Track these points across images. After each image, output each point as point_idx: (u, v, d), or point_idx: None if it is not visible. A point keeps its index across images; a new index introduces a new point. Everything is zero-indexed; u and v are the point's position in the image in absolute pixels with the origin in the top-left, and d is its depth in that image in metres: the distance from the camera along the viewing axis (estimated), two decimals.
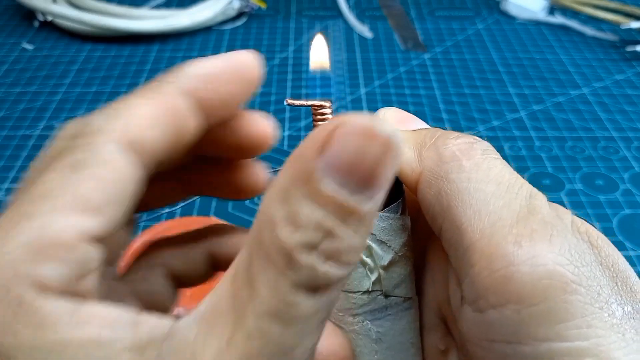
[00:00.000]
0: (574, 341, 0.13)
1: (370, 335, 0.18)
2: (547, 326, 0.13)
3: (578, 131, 0.51)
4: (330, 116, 0.17)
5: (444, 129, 0.18)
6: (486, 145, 0.17)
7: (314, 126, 0.17)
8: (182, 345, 0.13)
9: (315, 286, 0.13)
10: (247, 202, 0.42)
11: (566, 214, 0.15)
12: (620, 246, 0.39)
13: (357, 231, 0.13)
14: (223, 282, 0.14)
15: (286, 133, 0.50)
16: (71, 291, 0.14)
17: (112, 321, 0.14)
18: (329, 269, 0.13)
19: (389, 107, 0.19)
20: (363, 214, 0.13)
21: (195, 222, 0.32)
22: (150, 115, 0.15)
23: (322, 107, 0.17)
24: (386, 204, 0.17)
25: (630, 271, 0.15)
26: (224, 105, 0.16)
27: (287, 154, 0.47)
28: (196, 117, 0.16)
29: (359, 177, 0.12)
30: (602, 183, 0.45)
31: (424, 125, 0.19)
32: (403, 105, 0.53)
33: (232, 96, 0.16)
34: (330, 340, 0.17)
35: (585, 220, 0.16)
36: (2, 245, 0.13)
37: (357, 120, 0.12)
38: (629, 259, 0.38)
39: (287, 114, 0.52)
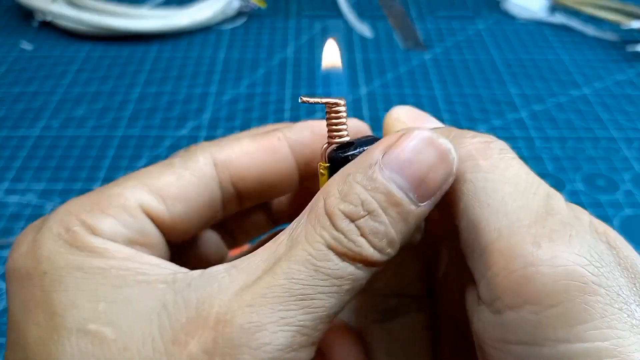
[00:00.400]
0: (594, 342, 0.13)
1: (383, 333, 0.18)
2: (566, 327, 0.13)
3: (579, 131, 0.50)
4: (344, 114, 0.17)
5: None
6: (503, 144, 0.17)
7: (328, 125, 0.17)
8: (211, 279, 0.15)
9: (344, 253, 0.15)
10: None
11: (584, 215, 0.16)
12: None
13: (394, 224, 0.15)
14: (266, 243, 0.16)
15: None
16: (122, 241, 0.17)
17: (154, 264, 0.16)
18: (362, 243, 0.15)
19: (402, 105, 0.19)
20: (406, 210, 0.15)
21: None
22: (249, 151, 0.19)
23: (337, 104, 0.17)
24: None
25: None
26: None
27: None
28: (294, 167, 0.20)
29: (411, 176, 0.15)
30: (603, 183, 0.44)
31: (437, 123, 0.19)
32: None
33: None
34: (343, 340, 0.18)
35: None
36: (78, 200, 0.17)
37: (423, 130, 0.15)
38: None
39: (287, 114, 0.52)
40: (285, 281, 0.14)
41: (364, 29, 0.67)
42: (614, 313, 0.13)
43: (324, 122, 0.18)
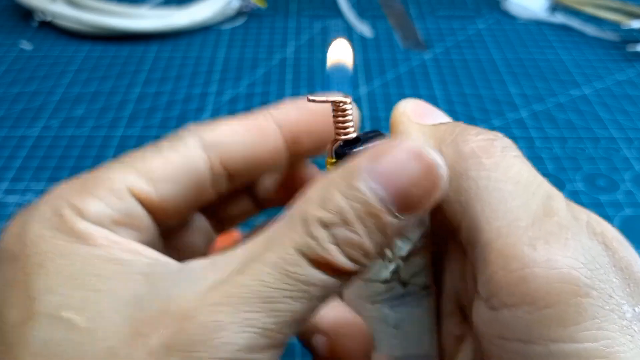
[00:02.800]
0: (584, 343, 0.13)
1: (389, 321, 0.19)
2: (558, 328, 0.14)
3: (579, 131, 0.50)
4: (350, 111, 0.17)
5: None
6: (507, 142, 0.17)
7: (335, 122, 0.17)
8: (186, 274, 0.15)
9: (316, 260, 0.15)
10: None
11: (583, 215, 0.16)
12: None
13: (370, 235, 0.15)
14: (245, 243, 0.16)
15: None
16: (111, 228, 0.17)
17: (137, 251, 0.16)
18: (334, 252, 0.15)
19: (410, 99, 0.19)
20: (384, 222, 0.15)
21: None
22: (237, 130, 0.19)
23: (343, 102, 0.17)
24: None
25: None
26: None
27: None
28: (282, 145, 0.20)
29: (393, 189, 0.15)
30: (603, 183, 0.44)
31: (445, 118, 0.18)
32: None
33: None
34: (349, 326, 0.18)
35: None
36: (69, 183, 0.17)
37: (414, 141, 0.15)
38: None
39: None
40: (253, 282, 0.14)
41: (364, 29, 0.67)
42: (605, 315, 0.14)
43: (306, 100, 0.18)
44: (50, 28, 0.66)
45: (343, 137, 0.17)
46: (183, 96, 0.55)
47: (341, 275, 0.15)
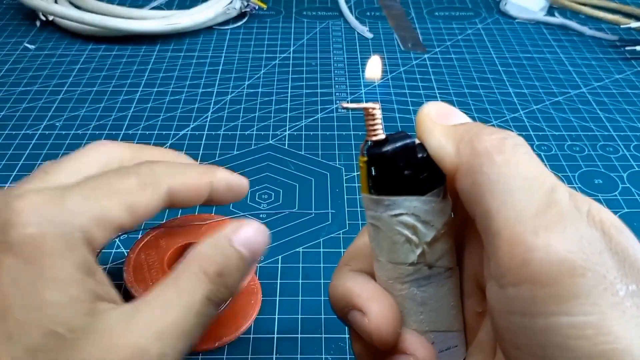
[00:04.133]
0: (579, 316, 0.15)
1: (416, 299, 0.21)
2: (556, 303, 0.15)
3: (577, 130, 0.51)
4: (379, 115, 0.20)
5: None
6: (518, 140, 0.19)
7: (366, 125, 0.20)
8: (125, 317, 0.20)
9: (217, 301, 0.21)
10: (248, 200, 0.42)
11: (584, 204, 0.17)
12: None
13: (242, 277, 0.23)
14: (157, 284, 0.21)
15: (287, 132, 0.50)
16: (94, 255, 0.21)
17: (100, 294, 0.21)
18: (226, 293, 0.22)
19: (433, 102, 0.21)
20: (248, 269, 0.23)
21: (198, 219, 0.33)
22: (191, 185, 0.25)
23: (373, 108, 0.20)
24: (429, 190, 0.20)
25: None
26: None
27: (288, 152, 0.47)
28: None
29: (250, 248, 0.22)
30: (601, 182, 0.45)
31: (466, 118, 0.21)
32: (403, 105, 0.54)
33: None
34: (380, 303, 0.20)
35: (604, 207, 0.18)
36: (82, 206, 0.21)
37: (255, 221, 0.23)
38: None
39: (288, 114, 0.53)
40: (181, 322, 0.20)
41: (363, 29, 0.67)
42: (598, 293, 0.15)
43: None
44: (53, 28, 0.66)
45: (373, 138, 0.20)
46: (185, 96, 0.55)
47: (222, 304, 0.22)
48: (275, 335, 0.33)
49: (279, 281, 0.36)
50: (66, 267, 0.20)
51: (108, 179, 0.23)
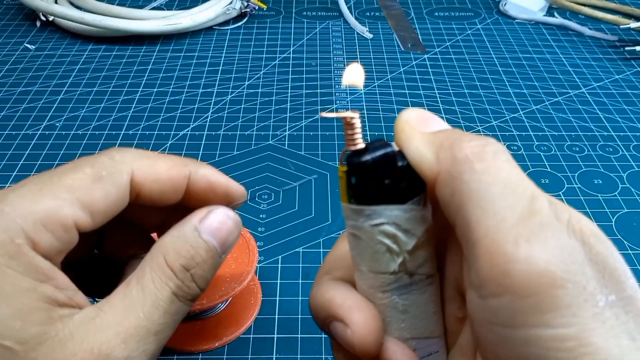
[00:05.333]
0: (559, 328, 0.15)
1: (398, 307, 0.21)
2: (536, 315, 0.15)
3: (577, 130, 0.51)
4: (358, 124, 0.19)
5: None
6: (498, 147, 0.18)
7: (345, 135, 0.19)
8: (89, 321, 0.19)
9: (184, 296, 0.21)
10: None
11: (564, 214, 0.17)
12: (619, 244, 0.39)
13: (211, 270, 0.22)
14: (119, 286, 0.21)
15: (287, 133, 0.50)
16: (52, 259, 0.20)
17: (67, 299, 0.20)
18: (194, 287, 0.21)
19: (412, 108, 0.20)
20: (217, 260, 0.22)
21: None
22: (161, 175, 0.23)
23: (352, 117, 0.19)
24: (409, 198, 0.19)
25: (619, 264, 0.16)
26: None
27: (288, 153, 0.47)
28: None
29: (220, 237, 0.21)
30: (601, 182, 0.45)
31: (445, 125, 0.20)
32: (403, 105, 0.54)
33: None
34: (363, 313, 0.20)
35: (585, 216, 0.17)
36: (23, 208, 0.19)
37: (223, 207, 0.22)
38: (627, 257, 0.38)
39: (288, 114, 0.53)
40: (146, 322, 0.20)
41: (363, 30, 0.67)
42: (579, 304, 0.15)
43: (221, 176, 0.24)
44: (54, 28, 0.66)
45: (352, 147, 0.19)
46: (185, 96, 0.55)
47: (193, 301, 0.21)
48: (275, 335, 0.33)
49: (279, 281, 0.36)
50: (9, 277, 0.18)
51: (57, 175, 0.21)
